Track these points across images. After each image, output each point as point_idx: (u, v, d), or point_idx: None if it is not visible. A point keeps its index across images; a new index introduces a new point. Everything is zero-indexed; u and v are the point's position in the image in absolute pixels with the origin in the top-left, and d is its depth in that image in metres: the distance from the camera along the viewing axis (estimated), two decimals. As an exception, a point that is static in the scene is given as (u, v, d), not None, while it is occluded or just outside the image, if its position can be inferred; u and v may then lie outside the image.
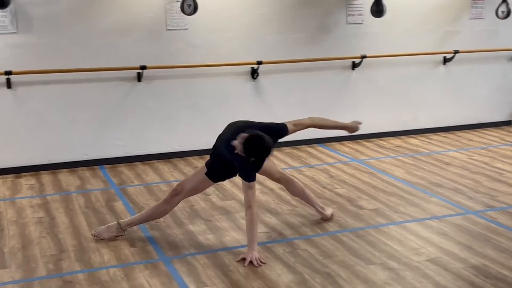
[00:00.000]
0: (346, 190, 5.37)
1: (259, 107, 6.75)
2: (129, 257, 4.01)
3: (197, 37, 6.33)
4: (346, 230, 4.45)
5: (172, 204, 4.34)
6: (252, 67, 6.60)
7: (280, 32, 6.65)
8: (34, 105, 5.89)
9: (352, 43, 6.98)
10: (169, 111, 6.43)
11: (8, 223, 4.62)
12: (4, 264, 3.89)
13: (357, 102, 7.18)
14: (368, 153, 6.72)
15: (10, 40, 5.65)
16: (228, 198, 5.19)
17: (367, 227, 4.50)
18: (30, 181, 5.71)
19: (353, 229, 4.47)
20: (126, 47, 6.10)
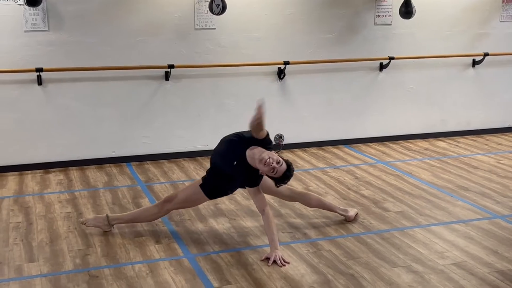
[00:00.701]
0: (372, 192, 5.35)
1: (285, 108, 6.77)
2: (154, 253, 4.06)
3: (225, 37, 6.36)
4: (371, 232, 4.43)
5: (161, 210, 4.31)
6: (279, 67, 6.61)
7: (308, 33, 6.65)
8: (64, 102, 5.98)
9: (380, 44, 6.94)
10: (196, 110, 6.48)
11: (36, 217, 4.71)
12: (32, 257, 3.97)
13: (384, 104, 7.14)
14: (395, 155, 6.67)
15: (42, 37, 5.76)
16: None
17: (392, 230, 4.47)
18: (58, 176, 5.81)
19: (378, 231, 4.45)
20: (154, 46, 6.16)
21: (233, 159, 4.07)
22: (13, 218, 4.69)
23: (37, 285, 3.58)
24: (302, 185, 5.55)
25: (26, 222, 4.61)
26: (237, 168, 4.05)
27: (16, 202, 5.05)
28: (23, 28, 5.68)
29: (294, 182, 5.62)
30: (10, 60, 5.69)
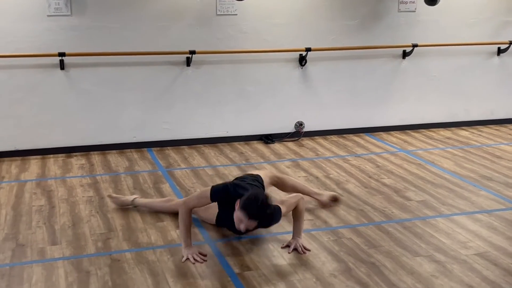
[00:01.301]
0: (393, 181, 5.30)
1: (306, 95, 6.73)
2: (175, 238, 4.07)
3: (246, 23, 6.32)
4: (392, 220, 4.40)
5: (175, 206, 4.27)
6: (300, 54, 6.56)
7: (330, 19, 6.58)
8: (86, 86, 6.01)
9: (404, 31, 6.85)
10: (217, 96, 6.47)
11: (59, 201, 4.75)
12: (55, 240, 4.01)
13: (406, 92, 7.06)
14: (416, 144, 6.60)
15: (64, 22, 5.77)
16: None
17: (414, 219, 4.43)
18: (80, 161, 5.85)
19: (400, 220, 4.41)
20: (176, 32, 6.15)
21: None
22: (36, 201, 4.73)
23: (59, 268, 3.61)
24: (323, 172, 5.53)
25: (48, 205, 4.65)
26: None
27: (38, 186, 5.10)
28: (46, 13, 5.70)
29: (315, 170, 5.60)
30: (33, 45, 5.71)
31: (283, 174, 4.60)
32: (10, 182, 5.20)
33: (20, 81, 5.80)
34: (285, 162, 5.89)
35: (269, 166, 5.72)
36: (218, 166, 5.72)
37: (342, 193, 4.96)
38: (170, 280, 3.49)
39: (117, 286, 3.41)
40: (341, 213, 4.54)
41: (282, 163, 5.85)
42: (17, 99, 5.83)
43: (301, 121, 6.75)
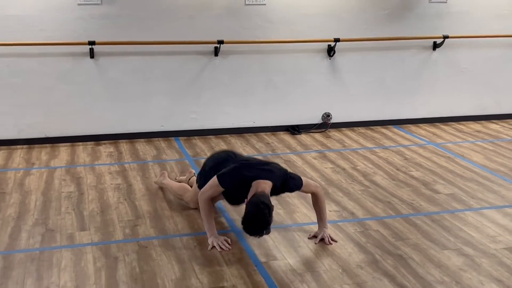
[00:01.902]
0: (421, 174, 5.24)
1: (334, 86, 6.68)
2: (201, 226, 4.08)
3: (275, 13, 6.30)
4: (420, 213, 4.35)
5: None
6: (329, 45, 6.52)
7: (360, 9, 6.52)
8: (115, 75, 6.06)
9: (434, 23, 6.75)
10: (244, 86, 6.46)
11: (88, 188, 4.81)
12: (84, 226, 4.06)
13: (436, 84, 6.97)
14: (446, 136, 6.52)
15: (95, 11, 5.82)
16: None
17: (443, 212, 4.38)
18: (109, 148, 5.91)
19: (428, 213, 4.36)
20: (204, 22, 6.15)
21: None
22: (65, 187, 4.80)
23: (88, 253, 3.66)
24: (350, 164, 5.49)
25: (77, 192, 4.71)
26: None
27: (68, 172, 5.17)
28: (77, 2, 5.75)
29: (341, 161, 5.57)
30: (63, 33, 5.78)
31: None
32: (40, 168, 5.28)
33: (50, 69, 5.87)
34: (311, 153, 5.87)
35: (296, 157, 5.71)
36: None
37: (369, 185, 4.93)
38: (196, 267, 3.51)
39: (145, 272, 3.44)
40: (368, 205, 4.50)
41: (309, 154, 5.83)
42: (47, 86, 5.91)
43: (328, 112, 6.71)
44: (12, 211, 4.29)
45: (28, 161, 5.48)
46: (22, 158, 5.57)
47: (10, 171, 5.18)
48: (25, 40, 5.67)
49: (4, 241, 3.81)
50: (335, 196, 4.67)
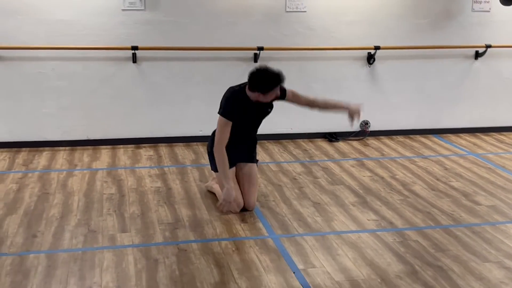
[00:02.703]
0: (462, 184, 5.17)
1: (373, 94, 6.65)
2: (240, 231, 4.12)
3: (315, 20, 6.31)
4: (461, 225, 4.29)
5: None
6: (368, 52, 6.49)
7: (401, 17, 6.48)
8: (156, 79, 6.16)
9: (477, 32, 6.66)
10: (282, 92, 6.47)
11: (128, 190, 4.89)
12: (124, 228, 4.13)
13: (477, 93, 6.87)
14: (487, 147, 6.41)
15: (138, 16, 5.93)
16: (336, 183, 5.17)
17: (483, 224, 4.32)
18: (149, 152, 6.00)
19: (468, 224, 4.31)
20: (245, 28, 6.20)
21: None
22: (107, 189, 4.90)
23: (129, 255, 3.73)
24: (388, 173, 5.46)
25: (118, 194, 4.80)
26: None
27: (109, 174, 5.27)
28: (121, 7, 5.87)
29: (380, 170, 5.54)
30: (107, 38, 5.90)
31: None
32: (82, 170, 5.40)
33: (94, 72, 6.00)
34: (349, 161, 5.85)
35: (333, 165, 5.70)
36: (282, 163, 5.74)
37: (409, 194, 4.89)
38: (235, 272, 3.54)
39: (184, 275, 3.49)
40: (407, 214, 4.47)
41: (347, 162, 5.81)
42: (91, 90, 6.04)
43: (367, 120, 6.68)
44: (56, 212, 4.40)
45: (70, 163, 5.61)
46: (65, 159, 5.71)
47: (54, 172, 5.31)
48: (70, 44, 5.82)
49: (48, 241, 3.91)
50: (373, 205, 4.65)
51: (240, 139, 4.41)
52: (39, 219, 4.24)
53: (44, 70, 5.90)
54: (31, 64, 5.86)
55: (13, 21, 5.70)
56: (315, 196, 4.85)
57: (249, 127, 4.48)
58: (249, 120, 4.40)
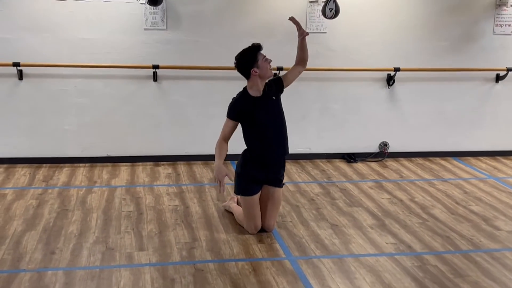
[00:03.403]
0: (482, 208, 5.12)
1: (392, 115, 6.63)
2: (257, 252, 4.11)
3: (335, 40, 6.33)
4: (480, 250, 4.24)
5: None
6: (388, 74, 6.49)
7: (421, 39, 6.47)
8: (176, 98, 6.21)
9: (498, 55, 6.63)
10: (301, 112, 6.49)
11: (146, 208, 4.92)
12: (142, 246, 4.15)
13: (498, 116, 6.82)
14: (507, 171, 6.34)
15: (160, 36, 6.00)
16: (355, 205, 5.14)
17: (504, 250, 4.25)
18: (167, 170, 6.04)
19: (488, 250, 4.25)
20: (265, 48, 6.18)
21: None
22: (125, 207, 4.93)
23: (146, 273, 3.73)
24: (407, 195, 5.42)
25: (137, 211, 4.82)
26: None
27: (128, 192, 5.30)
28: (143, 26, 5.95)
29: (399, 192, 5.50)
30: (129, 56, 5.98)
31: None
32: (101, 187, 5.44)
33: (115, 90, 6.07)
34: (368, 182, 5.82)
35: (352, 186, 5.67)
36: (299, 183, 5.73)
37: (428, 218, 4.85)
38: (251, 294, 3.53)
39: (200, 296, 3.48)
40: (426, 238, 4.42)
41: (365, 183, 5.78)
42: (112, 107, 6.11)
43: (386, 142, 6.66)
44: (74, 228, 4.43)
45: (90, 179, 5.65)
46: (84, 176, 5.76)
47: (73, 189, 5.36)
48: (93, 62, 5.90)
49: (66, 258, 3.93)
50: (391, 228, 4.61)
51: (272, 146, 4.40)
52: (58, 236, 4.28)
53: (66, 87, 5.99)
54: (54, 81, 5.96)
55: (37, 39, 5.80)
56: (333, 217, 4.82)
57: (270, 125, 4.42)
58: (264, 116, 4.38)
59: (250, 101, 4.36)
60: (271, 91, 4.43)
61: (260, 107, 4.35)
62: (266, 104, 4.38)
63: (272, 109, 4.42)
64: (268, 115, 4.39)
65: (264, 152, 4.36)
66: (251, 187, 4.39)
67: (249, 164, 4.40)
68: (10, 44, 5.76)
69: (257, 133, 4.37)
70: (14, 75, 5.84)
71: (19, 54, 5.77)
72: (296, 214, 4.87)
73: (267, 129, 4.37)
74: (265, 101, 4.37)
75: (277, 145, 4.42)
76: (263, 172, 4.39)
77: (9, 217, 4.63)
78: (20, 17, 5.73)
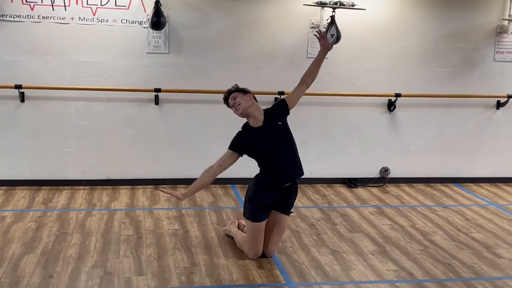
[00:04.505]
0: (483, 236, 5.08)
1: (393, 140, 6.63)
2: (257, 278, 4.07)
3: (336, 66, 6.36)
4: (482, 278, 4.20)
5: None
6: (389, 99, 6.51)
7: (422, 66, 6.50)
8: (177, 122, 6.21)
9: (499, 81, 6.66)
10: (302, 137, 6.42)
11: (146, 232, 4.89)
12: (141, 271, 4.11)
13: (499, 143, 6.82)
14: (508, 198, 6.32)
15: (162, 59, 6.03)
16: (355, 230, 5.11)
17: (505, 278, 4.21)
18: (167, 193, 6.01)
19: (490, 278, 4.21)
20: (266, 73, 6.27)
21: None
22: (124, 230, 4.89)
23: (144, 299, 3.70)
24: (408, 222, 5.39)
25: (136, 235, 4.79)
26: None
27: (127, 215, 5.28)
28: (146, 50, 5.98)
29: (400, 218, 5.48)
30: (131, 79, 6.00)
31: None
32: (101, 210, 5.42)
33: (116, 113, 6.08)
34: (368, 208, 5.79)
35: (352, 211, 5.65)
36: (300, 207, 5.71)
37: (429, 244, 4.81)
38: (250, 321, 3.48)
39: (199, 322, 3.44)
40: (427, 266, 4.39)
41: (366, 209, 5.76)
42: (113, 130, 6.11)
43: (387, 167, 6.64)
44: (73, 252, 4.40)
45: (89, 202, 5.63)
46: (84, 199, 5.74)
47: (72, 212, 5.34)
48: (95, 85, 5.92)
49: (64, 282, 3.90)
50: (392, 255, 4.58)
51: (285, 171, 4.34)
52: (56, 259, 4.24)
53: (68, 110, 6.00)
54: (55, 104, 5.97)
55: (40, 62, 5.83)
56: (333, 243, 4.79)
57: (279, 152, 4.35)
58: (271, 144, 4.33)
59: (252, 132, 4.36)
60: (273, 117, 4.40)
61: (265, 136, 4.33)
62: (270, 131, 4.36)
63: (278, 134, 4.38)
64: (275, 141, 4.34)
65: (278, 176, 4.33)
66: (260, 213, 4.34)
67: (260, 190, 4.36)
68: (12, 67, 5.79)
69: (268, 161, 4.34)
70: (16, 97, 5.86)
71: (21, 77, 5.80)
72: (296, 240, 4.83)
73: (277, 155, 4.32)
74: (269, 128, 4.35)
75: (290, 169, 4.37)
76: (275, 197, 4.36)
77: (8, 240, 4.60)
78: (23, 40, 5.76)
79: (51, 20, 5.77)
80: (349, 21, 6.17)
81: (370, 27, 6.33)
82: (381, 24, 6.34)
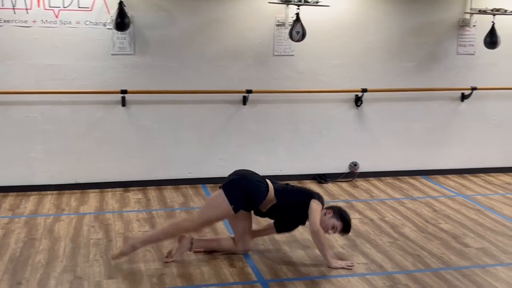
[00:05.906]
0: (451, 226, 5.17)
1: (361, 135, 6.70)
2: (228, 276, 4.07)
3: (303, 63, 6.39)
4: (450, 268, 4.27)
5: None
6: (356, 95, 6.57)
7: (387, 61, 6.58)
8: (145, 123, 6.17)
9: (462, 74, 6.77)
10: (271, 134, 6.52)
11: (116, 235, 4.84)
12: (111, 274, 4.07)
13: (464, 135, 6.94)
14: (475, 188, 6.44)
15: (127, 60, 5.98)
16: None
17: (473, 267, 4.29)
18: (137, 195, 5.97)
19: (458, 267, 4.28)
20: (233, 72, 6.27)
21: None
22: (94, 234, 4.84)
23: (115, 302, 3.66)
24: (378, 215, 5.45)
25: (106, 239, 4.74)
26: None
27: (96, 219, 5.22)
28: (111, 51, 5.92)
29: (369, 212, 5.53)
30: (97, 82, 5.93)
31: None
32: (69, 214, 5.35)
33: (83, 116, 6.01)
34: (338, 202, 5.81)
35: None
36: (271, 205, 5.71)
37: (398, 237, 4.88)
38: (223, 319, 3.48)
39: (171, 323, 3.42)
40: (397, 258, 4.44)
41: (336, 203, 5.77)
42: (79, 134, 6.03)
43: (356, 162, 6.71)
44: (42, 258, 4.33)
45: (58, 207, 5.55)
46: (52, 204, 5.66)
47: (40, 217, 5.26)
48: (60, 89, 5.84)
49: (33, 288, 3.84)
50: (363, 248, 4.62)
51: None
52: (25, 266, 4.18)
53: (32, 114, 5.90)
54: (19, 108, 5.87)
55: (2, 66, 5.73)
56: (304, 239, 4.81)
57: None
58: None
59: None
60: None
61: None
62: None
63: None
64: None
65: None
66: (243, 209, 4.33)
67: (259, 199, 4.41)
68: (-26, 72, 5.68)
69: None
70: (-21, 102, 5.75)
71: (-17, 82, 5.70)
72: (267, 237, 4.84)
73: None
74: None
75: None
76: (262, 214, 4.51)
77: (-26, 248, 4.51)
78: (-15, 44, 5.66)
79: (13, 24, 5.67)
80: (314, 18, 6.21)
81: (335, 24, 6.38)
82: (345, 21, 6.40)
